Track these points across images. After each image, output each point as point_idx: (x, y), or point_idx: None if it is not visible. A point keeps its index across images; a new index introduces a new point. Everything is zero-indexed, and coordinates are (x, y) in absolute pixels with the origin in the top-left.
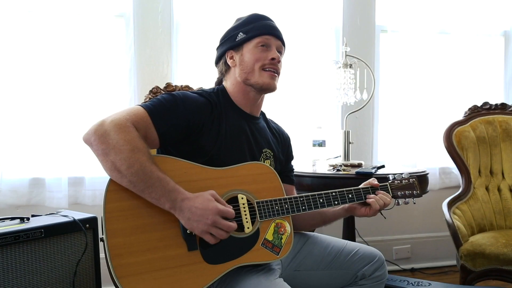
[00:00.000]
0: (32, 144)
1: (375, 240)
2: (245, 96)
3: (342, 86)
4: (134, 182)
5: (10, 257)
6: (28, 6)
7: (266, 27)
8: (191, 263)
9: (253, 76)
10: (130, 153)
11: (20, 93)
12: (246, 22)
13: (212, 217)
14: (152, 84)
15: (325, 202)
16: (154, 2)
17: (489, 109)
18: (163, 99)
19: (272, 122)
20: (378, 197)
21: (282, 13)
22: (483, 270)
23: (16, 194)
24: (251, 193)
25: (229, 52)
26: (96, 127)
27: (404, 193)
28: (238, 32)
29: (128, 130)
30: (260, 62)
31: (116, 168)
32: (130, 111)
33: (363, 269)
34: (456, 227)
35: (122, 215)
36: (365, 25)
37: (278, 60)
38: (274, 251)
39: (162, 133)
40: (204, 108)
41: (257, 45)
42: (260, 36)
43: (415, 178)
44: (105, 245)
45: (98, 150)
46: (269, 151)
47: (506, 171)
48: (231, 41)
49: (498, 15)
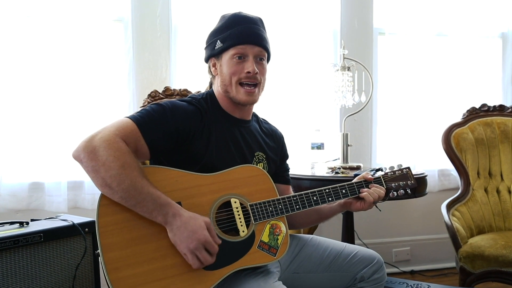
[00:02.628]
0: (31, 148)
1: (375, 242)
2: (231, 104)
3: (340, 89)
4: (125, 198)
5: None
6: (27, 12)
7: (242, 35)
8: (189, 271)
9: (231, 90)
10: (120, 170)
11: (19, 97)
12: (224, 27)
13: (195, 243)
14: (151, 88)
15: (319, 200)
16: (152, 6)
17: (487, 110)
18: (151, 110)
19: (264, 122)
20: (372, 190)
21: (280, 16)
22: (482, 272)
23: (16, 199)
24: (244, 196)
25: (212, 60)
26: (85, 143)
27: (398, 184)
28: (216, 40)
29: (117, 146)
30: (236, 76)
31: (107, 185)
32: (118, 125)
33: (362, 272)
34: (455, 229)
35: (116, 228)
36: (363, 27)
37: (254, 73)
38: (271, 253)
39: (152, 144)
40: (194, 116)
41: (232, 57)
42: (235, 47)
43: (408, 168)
44: (101, 260)
45: (88, 167)
46: (261, 154)
47: (505, 173)
48: (211, 48)
49: (496, 17)
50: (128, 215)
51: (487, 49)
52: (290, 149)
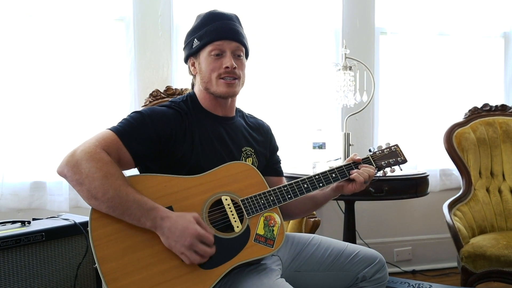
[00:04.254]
0: (33, 148)
1: (376, 242)
2: (213, 102)
3: (342, 88)
4: (112, 207)
5: (11, 261)
6: (29, 11)
7: (217, 31)
8: (188, 272)
9: (211, 85)
10: (103, 180)
11: (21, 97)
12: (200, 25)
13: (190, 239)
14: (152, 87)
15: (310, 187)
16: (154, 5)
17: (489, 110)
18: (130, 118)
19: (250, 117)
20: (361, 170)
21: (282, 15)
22: (484, 272)
23: (17, 198)
24: (235, 193)
25: (190, 59)
26: (68, 158)
27: (388, 161)
28: (193, 39)
29: (99, 157)
30: (215, 72)
31: (92, 196)
32: (99, 137)
33: (363, 271)
34: (457, 229)
35: (110, 239)
36: (365, 27)
37: (232, 68)
38: (268, 244)
39: (135, 152)
40: (173, 119)
41: (209, 54)
42: (212, 43)
43: (396, 145)
44: (99, 272)
45: (73, 181)
46: (249, 149)
47: (507, 173)
48: (188, 48)
49: (498, 17)
50: (120, 226)
51: (489, 48)
52: (292, 148)
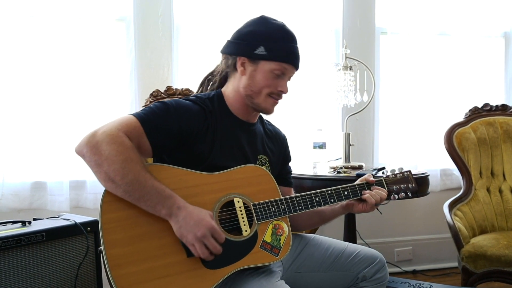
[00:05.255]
0: (33, 148)
1: (377, 242)
2: (242, 106)
3: (342, 88)
4: (129, 192)
5: (12, 261)
6: (30, 11)
7: (290, 55)
8: (191, 269)
9: (258, 98)
10: (123, 163)
11: (21, 97)
12: (272, 37)
13: (203, 230)
14: (153, 87)
15: (321, 201)
16: (154, 5)
17: (490, 110)
18: (155, 108)
19: (268, 124)
20: (374, 192)
21: (282, 15)
22: (485, 271)
23: (18, 198)
24: (247, 196)
25: (242, 58)
26: (88, 138)
27: (399, 187)
28: (259, 45)
29: (120, 141)
30: (268, 89)
31: (110, 179)
32: (122, 121)
33: (364, 271)
34: (458, 229)
35: (120, 225)
36: (365, 27)
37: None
38: (274, 253)
39: (155, 142)
40: (198, 115)
41: (272, 71)
42: (280, 63)
43: (409, 172)
44: (104, 256)
45: (91, 162)
46: (264, 157)
47: (507, 172)
48: (248, 49)
49: (498, 16)
50: (131, 212)
51: (489, 48)
52: (292, 148)
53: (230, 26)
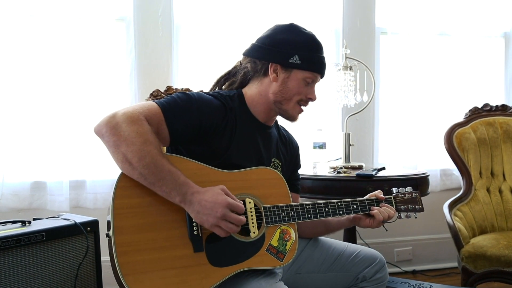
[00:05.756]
0: (33, 147)
1: (376, 242)
2: (265, 109)
3: (342, 88)
4: (145, 175)
5: (11, 261)
6: (30, 11)
7: (321, 65)
8: (196, 265)
9: (288, 104)
10: (141, 146)
11: (21, 96)
12: (306, 47)
13: (221, 210)
14: (152, 87)
15: (330, 211)
16: (154, 5)
17: (490, 110)
18: (177, 98)
19: (282, 129)
20: (382, 209)
21: (282, 15)
22: (485, 272)
23: (18, 198)
24: (259, 198)
25: (275, 65)
26: (108, 118)
27: (407, 207)
28: (294, 53)
29: (140, 123)
30: (299, 96)
31: (127, 160)
32: (143, 105)
33: (364, 271)
34: (457, 229)
35: (131, 212)
36: (365, 27)
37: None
38: (278, 257)
39: (174, 130)
40: (218, 111)
41: (305, 79)
42: (313, 73)
43: (418, 193)
44: (112, 241)
45: (109, 142)
46: (277, 161)
47: (507, 173)
48: (282, 56)
49: (498, 17)
50: (144, 201)
51: (489, 48)
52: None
53: (230, 26)
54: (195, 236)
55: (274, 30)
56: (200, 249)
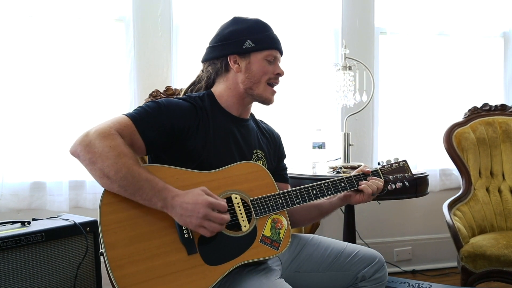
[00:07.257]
0: (32, 148)
1: (376, 242)
2: (238, 101)
3: (342, 88)
4: (124, 186)
5: (11, 261)
6: (28, 11)
7: (274, 41)
8: (192, 267)
9: (258, 88)
10: (116, 159)
11: (20, 97)
12: (254, 30)
13: (203, 210)
14: (152, 87)
15: (319, 193)
16: (153, 6)
17: (489, 110)
18: (146, 107)
19: (262, 122)
20: (370, 182)
21: (282, 15)
22: (484, 271)
23: (17, 198)
24: (245, 192)
25: (233, 56)
26: (81, 138)
27: (395, 176)
28: (246, 39)
29: (112, 137)
30: (267, 76)
31: (105, 175)
32: (114, 120)
33: (363, 271)
34: (457, 229)
35: (120, 226)
36: (364, 27)
37: (282, 75)
38: (274, 246)
39: (147, 138)
40: (189, 112)
41: (265, 58)
42: (270, 50)
43: (405, 161)
44: (105, 258)
45: (85, 160)
46: (260, 152)
47: (507, 172)
48: (236, 46)
49: (497, 17)
50: (131, 214)
51: (488, 48)
52: (292, 148)
53: None
54: (187, 239)
55: (221, 28)
56: (194, 251)
